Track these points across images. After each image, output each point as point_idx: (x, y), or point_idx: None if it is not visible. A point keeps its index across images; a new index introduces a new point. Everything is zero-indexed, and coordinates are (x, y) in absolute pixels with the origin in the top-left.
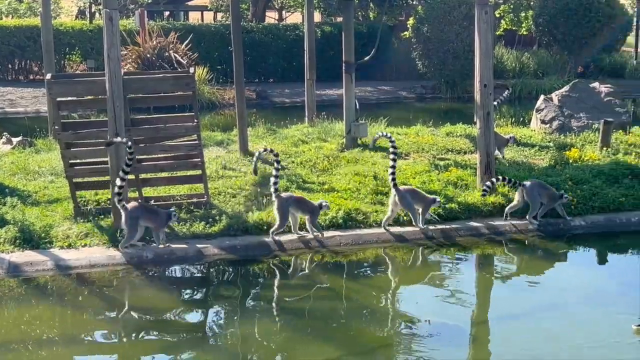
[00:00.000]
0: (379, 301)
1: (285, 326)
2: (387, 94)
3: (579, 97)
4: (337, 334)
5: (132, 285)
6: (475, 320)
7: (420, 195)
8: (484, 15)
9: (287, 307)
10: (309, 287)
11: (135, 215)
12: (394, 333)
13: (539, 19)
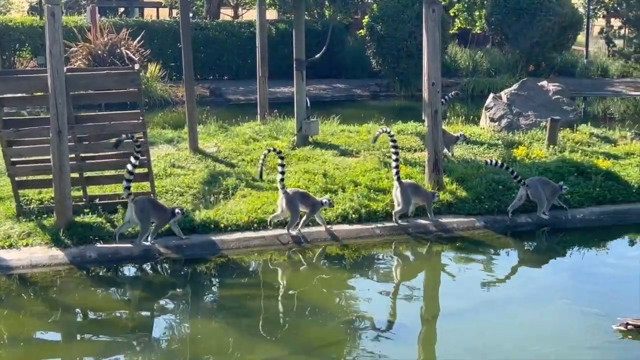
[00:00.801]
0: (328, 299)
1: (232, 326)
2: (342, 91)
3: (528, 95)
4: (284, 333)
5: (75, 286)
6: (424, 317)
7: (422, 190)
8: (432, 14)
9: (234, 307)
10: (255, 286)
11: (145, 208)
12: (341, 331)
13: (491, 18)
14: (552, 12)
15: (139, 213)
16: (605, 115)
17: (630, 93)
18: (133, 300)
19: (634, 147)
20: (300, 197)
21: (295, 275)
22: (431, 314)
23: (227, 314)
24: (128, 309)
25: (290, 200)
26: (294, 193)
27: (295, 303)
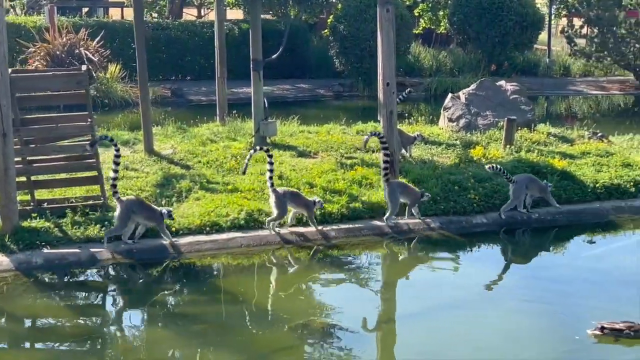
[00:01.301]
0: (279, 304)
1: (181, 332)
2: (305, 92)
3: (486, 95)
4: (234, 339)
5: (20, 293)
6: (379, 320)
7: (410, 189)
8: (386, 13)
9: (183, 312)
10: (206, 291)
11: (129, 208)
12: (292, 337)
13: (453, 18)
14: (513, 11)
15: (122, 212)
16: (567, 114)
17: (591, 92)
18: (80, 307)
19: (590, 147)
20: (291, 196)
21: (247, 280)
22: (386, 316)
23: (177, 320)
24: (75, 316)
25: (279, 199)
26: (284, 192)
27: (246, 308)
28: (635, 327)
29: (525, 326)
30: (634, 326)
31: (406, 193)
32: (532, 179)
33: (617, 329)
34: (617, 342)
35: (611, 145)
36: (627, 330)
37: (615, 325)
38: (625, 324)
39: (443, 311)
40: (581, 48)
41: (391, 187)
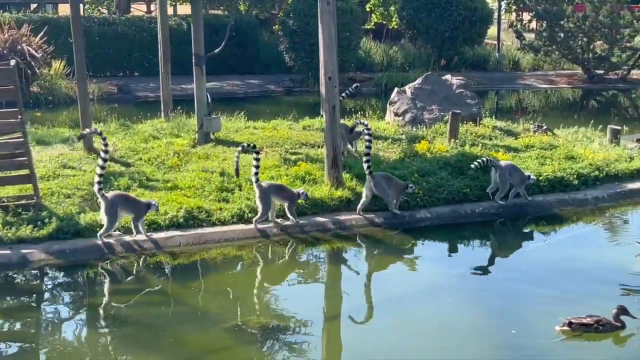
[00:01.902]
0: (215, 304)
1: (112, 335)
2: (256, 87)
3: (432, 89)
4: (166, 341)
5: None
6: (321, 319)
7: (394, 181)
8: (326, 6)
9: (116, 315)
10: (140, 292)
11: (115, 204)
12: (225, 337)
13: (403, 12)
14: (462, 6)
15: (107, 209)
16: (517, 108)
17: (540, 86)
18: (6, 309)
19: (535, 140)
20: (276, 190)
21: (185, 279)
22: (328, 314)
23: (109, 322)
24: (2, 320)
25: (264, 193)
26: (269, 186)
27: (181, 309)
28: (603, 321)
29: (467, 322)
30: (602, 320)
31: (390, 185)
32: (514, 167)
33: (585, 323)
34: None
35: (555, 138)
36: (595, 325)
37: (582, 321)
38: (593, 319)
39: (387, 308)
40: (530, 42)
41: (375, 180)
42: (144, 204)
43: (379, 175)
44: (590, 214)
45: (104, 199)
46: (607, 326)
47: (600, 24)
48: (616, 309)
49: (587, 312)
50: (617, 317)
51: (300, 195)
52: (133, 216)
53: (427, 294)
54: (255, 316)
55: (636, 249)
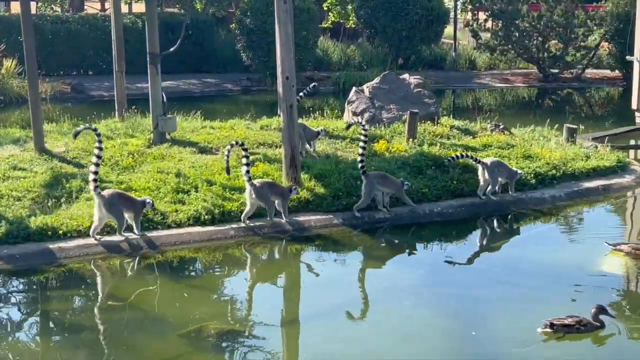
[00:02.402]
0: (172, 308)
1: (64, 342)
2: (212, 86)
3: (389, 88)
4: (120, 349)
5: None
6: (280, 323)
7: (390, 179)
8: (283, 5)
9: (68, 322)
10: (94, 297)
11: (114, 202)
12: (181, 343)
13: (360, 11)
14: (419, 5)
15: (107, 207)
16: (473, 107)
17: (496, 85)
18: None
19: (492, 139)
20: (269, 187)
21: (139, 284)
22: (287, 318)
23: (61, 329)
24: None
25: (259, 191)
26: (262, 184)
27: (135, 314)
28: (584, 322)
29: (431, 325)
30: (582, 320)
31: (386, 184)
32: (501, 163)
33: (566, 324)
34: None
35: (513, 137)
36: (577, 325)
37: (564, 322)
38: (574, 319)
39: (347, 311)
40: (486, 41)
41: (368, 180)
42: (139, 201)
43: (372, 175)
44: (548, 213)
45: (100, 197)
46: (588, 326)
47: (555, 23)
48: (595, 309)
49: (552, 312)
50: (596, 316)
51: (292, 190)
52: (132, 214)
53: (387, 295)
54: (212, 321)
55: (602, 248)
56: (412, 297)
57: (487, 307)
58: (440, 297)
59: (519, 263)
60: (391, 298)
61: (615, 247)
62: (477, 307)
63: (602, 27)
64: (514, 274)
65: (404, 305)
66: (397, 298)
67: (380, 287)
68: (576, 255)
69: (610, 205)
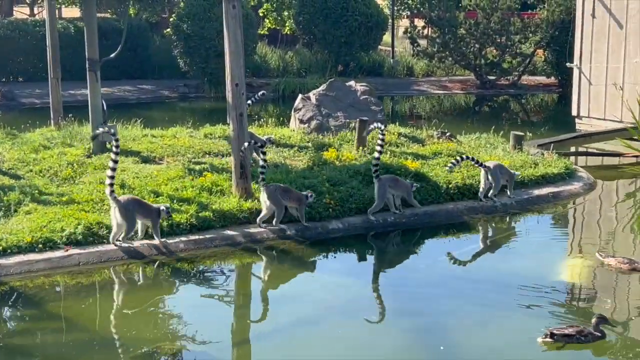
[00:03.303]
0: (122, 328)
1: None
2: (149, 93)
3: (336, 95)
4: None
5: None
6: (233, 340)
7: (401, 182)
8: (232, 10)
9: (7, 344)
10: (37, 317)
11: (129, 207)
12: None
13: (299, 18)
14: (358, 12)
15: (122, 212)
16: (412, 114)
17: (434, 92)
18: None
19: (441, 147)
20: (282, 191)
21: (87, 302)
22: (241, 336)
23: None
24: None
25: (272, 195)
26: (275, 188)
27: (78, 335)
28: (585, 332)
29: (389, 340)
30: (584, 331)
31: (397, 186)
32: (502, 165)
33: (567, 334)
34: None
35: (460, 145)
36: (577, 335)
37: (565, 331)
38: (575, 329)
39: (301, 327)
40: (424, 48)
41: (380, 183)
42: (155, 208)
43: (384, 179)
44: (500, 221)
45: (116, 202)
46: (589, 336)
47: (492, 30)
48: (596, 319)
49: (513, 322)
50: (597, 326)
51: (309, 197)
52: (150, 221)
53: (342, 310)
54: (165, 341)
55: (556, 257)
56: (368, 311)
57: (449, 319)
58: (398, 310)
59: (474, 273)
60: (347, 312)
61: (604, 260)
62: (437, 320)
63: (537, 35)
64: (471, 285)
65: (361, 319)
66: (353, 312)
67: (336, 302)
68: (531, 264)
69: (560, 213)
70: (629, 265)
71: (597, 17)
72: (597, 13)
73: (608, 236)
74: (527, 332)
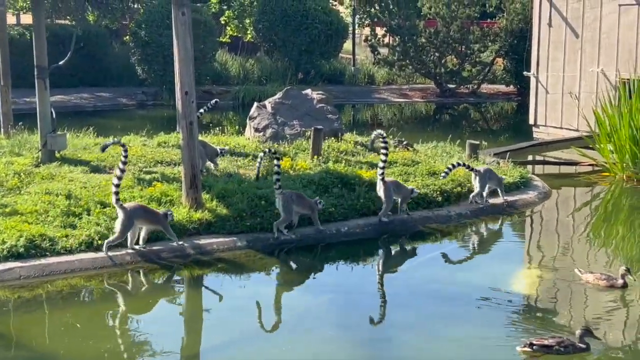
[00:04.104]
0: (63, 344)
1: None
2: (106, 100)
3: (292, 104)
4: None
5: None
6: (183, 354)
7: (402, 187)
8: (181, 17)
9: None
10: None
11: (132, 215)
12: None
13: (259, 25)
14: (318, 20)
15: (125, 220)
16: (373, 122)
17: (394, 100)
18: None
19: (397, 156)
20: (297, 198)
21: (26, 318)
22: (189, 352)
23: None
24: None
25: (286, 201)
26: (291, 195)
27: (22, 353)
28: (565, 343)
29: (342, 355)
30: (564, 341)
31: (399, 191)
32: (491, 170)
33: (546, 345)
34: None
35: (417, 154)
36: (556, 346)
37: (544, 342)
38: (555, 340)
39: (254, 341)
40: (384, 57)
41: (386, 186)
42: (162, 213)
43: (389, 182)
44: (454, 231)
45: (122, 210)
46: (570, 348)
47: (451, 39)
48: (580, 330)
49: (469, 334)
50: (581, 338)
51: (318, 203)
52: (158, 227)
53: (293, 324)
54: (104, 357)
55: (510, 268)
56: (320, 324)
57: (407, 333)
58: (350, 323)
59: (427, 284)
60: (298, 326)
61: (583, 276)
62: (393, 333)
63: (496, 43)
64: (422, 296)
65: (313, 333)
66: (305, 325)
67: (289, 315)
68: (486, 275)
69: (515, 222)
70: (606, 282)
71: (554, 26)
72: (554, 22)
73: (565, 245)
74: (485, 344)
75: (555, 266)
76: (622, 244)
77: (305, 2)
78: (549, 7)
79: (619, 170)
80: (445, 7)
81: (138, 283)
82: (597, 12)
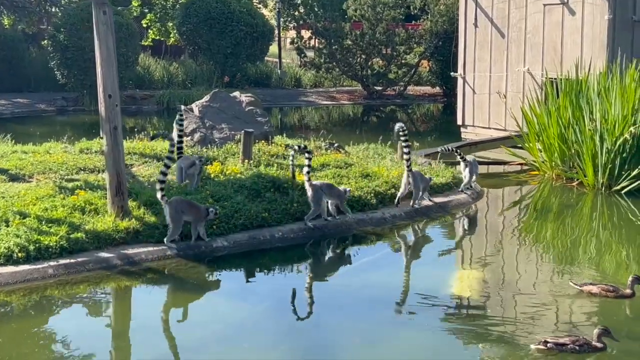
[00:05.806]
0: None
1: None
2: (24, 107)
3: (220, 107)
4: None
5: None
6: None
7: (423, 177)
8: (102, 16)
9: None
10: None
11: (180, 209)
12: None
13: (182, 28)
14: (243, 22)
15: (173, 214)
16: (300, 125)
17: (322, 102)
18: None
19: (329, 158)
20: (327, 188)
21: None
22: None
23: None
24: None
25: (315, 192)
26: (320, 185)
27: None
28: (580, 341)
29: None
30: (579, 340)
31: (423, 180)
32: (477, 162)
33: (560, 343)
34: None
35: (349, 156)
36: (571, 345)
37: (559, 340)
38: (570, 338)
39: (184, 355)
40: (311, 59)
41: (414, 176)
42: (204, 208)
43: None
44: (389, 233)
45: (168, 205)
46: (585, 346)
47: (377, 41)
48: (599, 330)
49: (405, 338)
50: (599, 338)
51: (347, 192)
52: (193, 220)
53: (231, 333)
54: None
55: (445, 270)
56: (254, 334)
57: (342, 338)
58: (286, 330)
59: (363, 289)
60: (235, 336)
61: (582, 288)
62: (329, 338)
63: (422, 45)
64: (359, 301)
65: (249, 344)
66: (241, 335)
67: (223, 327)
68: (421, 278)
69: (449, 223)
70: (615, 294)
71: (480, 27)
72: (480, 22)
73: (497, 245)
74: (424, 347)
75: (488, 266)
76: (554, 242)
77: (229, 4)
78: (474, 7)
79: (548, 168)
80: (370, 9)
81: (62, 297)
82: (523, 12)
